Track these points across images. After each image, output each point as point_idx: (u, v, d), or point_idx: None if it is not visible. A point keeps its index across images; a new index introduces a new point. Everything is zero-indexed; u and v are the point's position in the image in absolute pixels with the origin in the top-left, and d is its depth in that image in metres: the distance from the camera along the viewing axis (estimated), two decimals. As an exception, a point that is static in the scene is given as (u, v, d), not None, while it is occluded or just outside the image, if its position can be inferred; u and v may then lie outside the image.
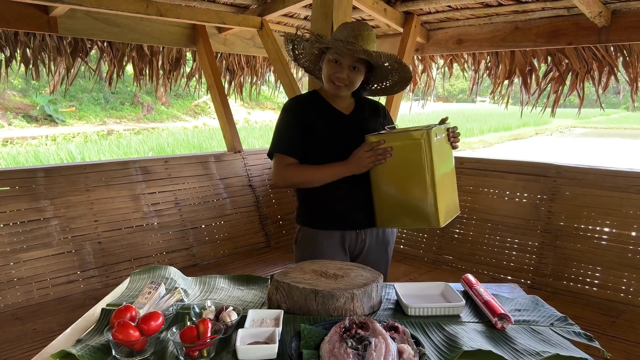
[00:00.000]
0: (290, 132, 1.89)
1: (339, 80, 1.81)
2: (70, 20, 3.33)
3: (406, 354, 1.14)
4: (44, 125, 18.36)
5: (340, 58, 1.80)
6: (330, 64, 1.82)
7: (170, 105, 23.50)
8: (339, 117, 1.93)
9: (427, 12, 3.77)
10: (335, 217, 1.90)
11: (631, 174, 2.97)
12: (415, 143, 1.71)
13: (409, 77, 1.92)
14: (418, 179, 1.73)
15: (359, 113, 1.96)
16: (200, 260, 3.58)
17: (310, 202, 1.95)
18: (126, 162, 3.46)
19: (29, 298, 2.83)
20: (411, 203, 1.77)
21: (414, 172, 1.73)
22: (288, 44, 1.92)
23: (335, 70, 1.81)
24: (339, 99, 1.94)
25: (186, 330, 1.18)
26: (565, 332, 1.35)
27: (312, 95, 1.99)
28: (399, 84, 1.98)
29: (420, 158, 1.71)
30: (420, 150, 1.70)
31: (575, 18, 3.30)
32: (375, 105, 2.06)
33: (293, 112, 1.92)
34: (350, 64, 1.80)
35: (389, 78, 1.97)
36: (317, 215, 1.93)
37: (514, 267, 3.26)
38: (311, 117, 1.89)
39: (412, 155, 1.72)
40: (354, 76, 1.83)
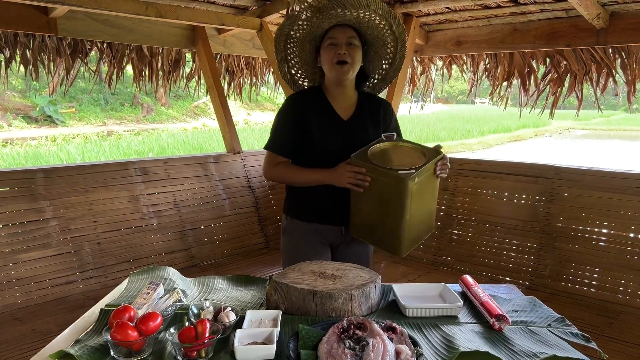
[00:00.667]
0: (285, 130, 1.93)
1: (341, 57, 1.83)
2: (69, 21, 3.33)
3: (404, 354, 1.15)
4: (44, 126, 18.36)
5: (334, 39, 1.83)
6: (327, 49, 1.85)
7: (170, 107, 23.51)
8: (337, 122, 1.94)
9: (426, 13, 3.78)
10: (318, 212, 1.98)
11: (629, 175, 2.98)
12: (394, 184, 1.72)
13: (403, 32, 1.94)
14: (391, 213, 1.77)
15: (358, 118, 1.96)
16: (200, 261, 3.58)
17: (297, 195, 2.03)
18: (125, 163, 3.47)
19: (28, 299, 2.83)
20: (381, 229, 1.84)
21: (388, 205, 1.77)
22: (283, 65, 1.98)
23: (334, 50, 1.83)
24: (340, 96, 1.95)
25: (184, 331, 1.19)
26: (563, 333, 1.36)
27: (314, 92, 1.99)
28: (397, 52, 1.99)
29: (396, 199, 1.73)
30: (398, 193, 1.72)
31: (573, 20, 3.31)
32: (378, 103, 2.05)
33: (291, 110, 1.94)
34: (346, 40, 1.84)
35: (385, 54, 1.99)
36: (302, 209, 2.01)
37: (512, 269, 3.26)
38: (308, 118, 1.91)
39: (389, 193, 1.75)
40: (352, 52, 1.85)
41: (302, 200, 2.00)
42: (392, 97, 4.03)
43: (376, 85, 2.11)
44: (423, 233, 1.95)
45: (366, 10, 1.79)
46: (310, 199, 1.97)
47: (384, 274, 3.28)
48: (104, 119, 20.51)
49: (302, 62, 1.99)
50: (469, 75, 4.37)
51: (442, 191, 3.70)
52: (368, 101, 2.02)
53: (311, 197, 1.96)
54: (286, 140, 1.93)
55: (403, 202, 1.71)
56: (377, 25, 1.88)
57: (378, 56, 2.00)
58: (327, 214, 1.97)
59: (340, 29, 1.84)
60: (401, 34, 1.93)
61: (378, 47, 1.97)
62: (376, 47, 1.97)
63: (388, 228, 1.80)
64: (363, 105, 1.99)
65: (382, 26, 1.88)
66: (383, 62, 2.03)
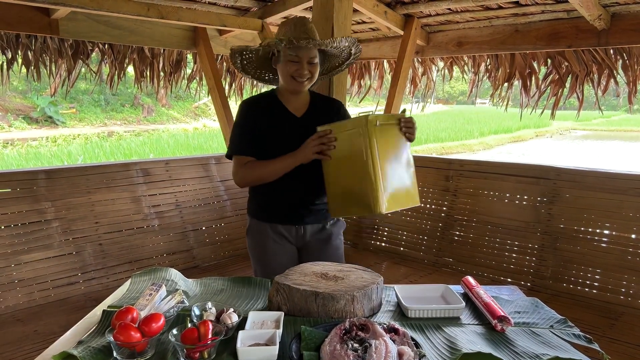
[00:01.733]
0: (244, 133, 1.97)
1: (302, 76, 1.88)
2: (71, 22, 3.34)
3: (406, 355, 1.15)
4: (45, 127, 18.38)
5: (297, 57, 1.86)
6: (288, 63, 1.88)
7: (171, 107, 23.53)
8: (290, 120, 1.99)
9: (427, 14, 3.78)
10: (277, 211, 2.02)
11: (631, 176, 2.98)
12: (356, 130, 1.75)
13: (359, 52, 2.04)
14: (360, 166, 1.75)
15: (311, 114, 2.02)
16: (201, 262, 3.59)
17: (257, 196, 2.07)
18: (127, 164, 3.47)
19: (30, 300, 2.83)
20: (355, 191, 1.81)
21: (357, 159, 1.76)
22: (236, 57, 1.98)
23: (295, 67, 1.87)
24: (294, 98, 2.00)
25: (187, 332, 1.19)
26: (565, 334, 1.36)
27: (267, 95, 2.05)
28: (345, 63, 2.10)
29: (361, 144, 1.74)
30: (360, 136, 1.74)
31: (574, 21, 3.31)
32: (331, 102, 2.13)
33: (244, 114, 1.99)
34: (308, 59, 1.88)
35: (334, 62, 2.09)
36: (262, 209, 2.05)
37: (514, 270, 3.26)
38: (261, 120, 1.96)
39: (355, 142, 1.76)
40: (314, 69, 1.91)
41: (262, 200, 2.04)
42: (393, 98, 4.04)
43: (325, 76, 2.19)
44: (403, 198, 1.87)
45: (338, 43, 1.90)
46: (269, 199, 2.01)
47: (386, 275, 3.27)
48: (104, 119, 20.53)
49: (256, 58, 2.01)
50: (469, 76, 4.37)
51: (443, 192, 3.70)
52: (320, 100, 2.10)
53: (272, 195, 1.99)
54: (247, 141, 1.96)
55: (369, 144, 1.71)
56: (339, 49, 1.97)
57: (328, 62, 2.09)
58: (288, 212, 2.01)
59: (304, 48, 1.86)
60: (357, 53, 2.04)
61: (332, 58, 2.07)
62: (330, 58, 2.06)
63: (361, 185, 1.76)
64: (316, 103, 2.06)
65: (343, 49, 1.98)
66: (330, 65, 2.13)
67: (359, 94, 5.12)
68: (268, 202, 2.02)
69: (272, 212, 2.03)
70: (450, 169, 3.70)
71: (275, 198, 2.00)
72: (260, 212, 2.06)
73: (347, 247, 4.07)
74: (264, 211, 2.05)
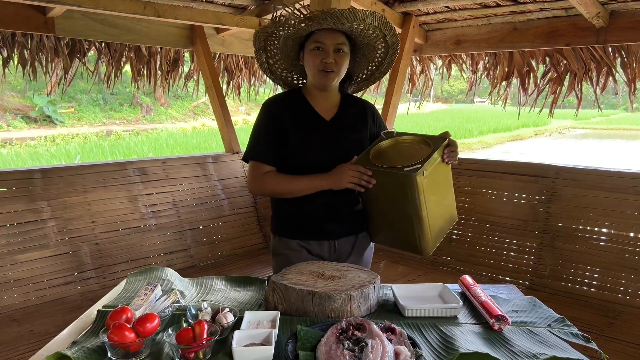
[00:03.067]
0: (267, 137, 1.80)
1: (327, 66, 1.72)
2: (67, 21, 3.32)
3: (402, 355, 1.14)
4: (43, 126, 18.35)
5: (322, 44, 1.71)
6: (313, 53, 1.73)
7: (169, 107, 23.50)
8: (319, 123, 1.83)
9: (425, 12, 3.77)
10: (307, 227, 1.86)
11: (630, 174, 2.97)
12: (402, 183, 1.62)
13: (396, 41, 1.82)
14: (407, 214, 1.68)
15: (342, 118, 1.86)
16: (198, 262, 3.58)
17: (283, 212, 1.90)
18: (123, 163, 3.46)
19: (26, 299, 2.82)
20: (402, 231, 1.75)
21: (403, 206, 1.67)
22: (261, 55, 1.83)
23: (321, 56, 1.72)
24: (322, 98, 1.85)
25: (182, 332, 1.18)
26: (563, 333, 1.35)
27: (293, 94, 1.88)
28: (386, 58, 1.89)
29: (409, 199, 1.63)
30: (410, 192, 1.62)
31: (573, 19, 3.30)
32: (363, 105, 1.95)
33: (269, 114, 1.82)
34: (334, 47, 1.71)
35: (374, 58, 1.89)
36: (290, 226, 1.89)
37: (512, 268, 3.25)
38: (288, 120, 1.80)
39: (400, 193, 1.66)
40: (340, 59, 1.74)
41: (292, 215, 1.87)
42: (391, 96, 4.03)
43: (359, 84, 2.02)
44: (446, 225, 1.85)
45: (361, 23, 1.69)
46: (301, 213, 1.84)
47: (383, 274, 3.27)
48: (103, 119, 20.51)
49: (283, 55, 1.85)
50: (468, 74, 4.37)
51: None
52: (352, 103, 1.93)
53: (301, 211, 1.84)
54: (268, 147, 1.79)
55: (416, 201, 1.62)
56: (370, 35, 1.77)
57: (365, 59, 1.90)
58: (319, 228, 1.86)
59: (329, 33, 1.71)
60: (394, 43, 1.83)
61: (367, 51, 1.86)
62: (365, 51, 1.86)
63: (408, 229, 1.70)
64: (347, 106, 1.89)
65: (375, 35, 1.78)
66: (370, 64, 1.93)
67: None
68: (298, 218, 1.85)
69: (303, 229, 1.86)
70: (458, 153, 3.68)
71: (306, 214, 1.83)
72: (290, 229, 1.89)
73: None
74: (294, 228, 1.87)
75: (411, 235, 1.71)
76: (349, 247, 1.92)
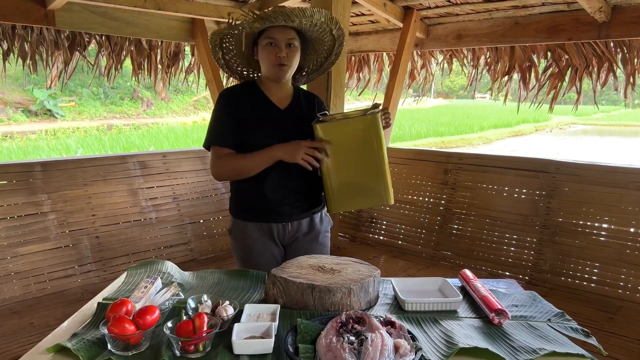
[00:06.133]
0: (224, 123, 1.87)
1: (280, 60, 1.79)
2: (67, 13, 3.31)
3: (402, 349, 1.14)
4: (44, 120, 18.35)
5: (273, 39, 1.78)
6: (266, 48, 1.80)
7: (170, 101, 23.48)
8: (274, 111, 1.91)
9: (426, 7, 3.76)
10: (261, 209, 1.93)
11: (630, 170, 2.97)
12: (366, 127, 1.78)
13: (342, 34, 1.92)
14: (370, 160, 1.80)
15: (295, 107, 1.95)
16: (199, 255, 3.58)
17: (239, 194, 1.97)
18: (124, 156, 3.45)
19: (27, 292, 2.83)
20: (362, 183, 1.84)
21: (365, 153, 1.80)
22: (217, 52, 1.90)
23: (274, 51, 1.79)
24: (276, 89, 1.92)
25: (182, 325, 1.18)
26: (563, 328, 1.35)
27: (248, 85, 1.95)
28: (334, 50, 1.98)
29: (371, 139, 1.78)
30: (373, 133, 1.77)
31: (575, 13, 3.28)
32: (312, 97, 2.05)
33: (226, 102, 1.89)
34: (286, 41, 1.79)
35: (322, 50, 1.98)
36: (245, 208, 1.96)
37: (512, 263, 3.26)
38: (244, 108, 1.87)
39: (364, 137, 1.79)
40: (291, 53, 1.82)
41: (247, 197, 1.94)
42: (392, 91, 4.02)
43: (310, 75, 2.11)
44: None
45: (309, 19, 1.77)
46: (255, 194, 1.90)
47: (383, 268, 3.27)
48: (103, 113, 20.50)
49: (238, 52, 1.93)
50: (469, 69, 4.35)
51: (442, 186, 3.68)
52: (303, 94, 2.03)
53: (255, 192, 1.90)
54: (225, 130, 1.86)
55: (381, 141, 1.78)
56: (317, 29, 1.86)
57: (315, 51, 1.99)
58: (273, 210, 1.92)
59: (280, 29, 1.79)
60: (340, 36, 1.93)
61: (316, 44, 1.95)
62: (314, 45, 1.95)
63: (372, 176, 1.82)
64: (299, 97, 1.99)
65: (322, 30, 1.87)
66: (319, 56, 2.03)
67: (358, 87, 5.10)
68: (250, 198, 1.92)
69: (256, 211, 1.93)
70: (449, 162, 3.68)
71: (260, 196, 1.89)
72: (243, 210, 1.97)
73: (345, 240, 4.07)
74: (247, 209, 1.95)
75: (373, 183, 1.83)
76: (305, 228, 2.00)
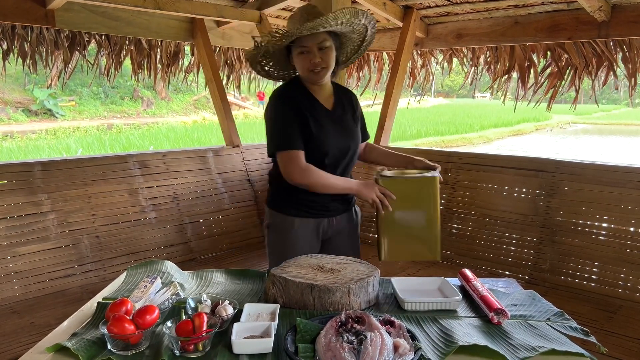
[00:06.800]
0: (292, 125, 1.84)
1: (315, 66, 1.79)
2: (67, 13, 3.31)
3: (402, 348, 1.14)
4: (44, 119, 18.35)
5: (305, 47, 1.78)
6: (299, 56, 1.80)
7: (170, 100, 23.49)
8: (324, 113, 1.91)
9: (426, 6, 3.76)
10: (312, 206, 1.94)
11: (630, 169, 2.96)
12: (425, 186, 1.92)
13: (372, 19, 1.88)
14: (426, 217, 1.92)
15: (339, 108, 1.97)
16: (199, 255, 3.58)
17: (288, 190, 1.93)
18: (124, 156, 3.45)
19: (27, 292, 2.83)
20: (415, 237, 1.94)
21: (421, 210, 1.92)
22: (256, 66, 1.92)
23: (307, 58, 1.79)
24: (318, 88, 1.93)
25: (182, 324, 1.18)
26: (562, 327, 1.35)
27: (296, 85, 1.94)
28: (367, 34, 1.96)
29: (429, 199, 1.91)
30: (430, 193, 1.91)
31: (575, 13, 3.28)
32: (349, 96, 2.06)
33: (288, 105, 1.87)
34: (317, 46, 1.78)
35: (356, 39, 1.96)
36: (294, 203, 1.95)
37: (512, 263, 3.25)
38: (303, 110, 1.86)
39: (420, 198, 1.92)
40: (326, 56, 1.81)
41: (297, 194, 1.92)
42: (392, 90, 4.02)
43: (349, 60, 2.09)
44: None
45: (334, 22, 1.75)
46: (305, 194, 1.90)
47: (383, 267, 3.26)
48: (104, 112, 20.50)
49: (275, 61, 1.94)
50: (468, 68, 4.34)
51: (442, 185, 3.68)
52: (341, 91, 2.04)
53: (305, 191, 1.89)
54: (295, 134, 1.84)
55: (437, 201, 1.91)
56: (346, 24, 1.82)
57: (350, 40, 1.96)
58: (323, 207, 1.96)
59: (309, 35, 1.76)
60: (371, 20, 1.88)
61: (350, 34, 1.92)
62: (348, 35, 1.91)
63: (426, 232, 1.92)
64: (340, 95, 2.00)
65: (350, 23, 1.82)
66: (354, 43, 2.00)
67: (358, 86, 5.10)
68: (302, 195, 1.91)
69: (306, 208, 1.94)
70: (449, 161, 3.68)
71: (312, 194, 1.89)
72: (291, 205, 1.95)
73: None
74: (296, 205, 1.94)
75: (425, 239, 1.93)
76: (346, 222, 2.08)
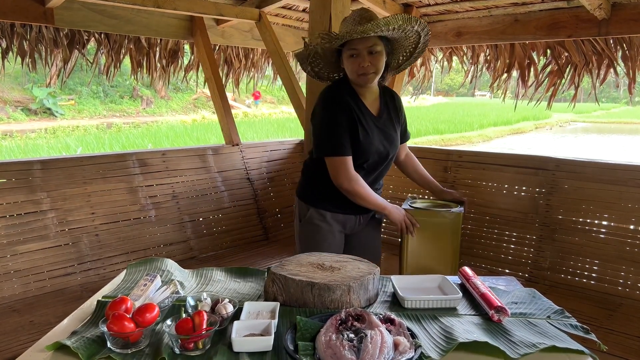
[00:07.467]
0: (344, 131, 1.87)
1: (365, 70, 1.81)
2: (66, 11, 3.30)
3: (402, 346, 1.14)
4: (43, 118, 18.34)
5: (355, 50, 1.79)
6: (349, 59, 1.82)
7: (170, 99, 23.48)
8: (371, 119, 1.94)
9: (426, 4, 3.75)
10: (346, 202, 2.01)
11: (630, 167, 2.96)
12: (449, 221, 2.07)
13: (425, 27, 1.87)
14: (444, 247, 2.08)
15: (384, 114, 2.00)
16: (198, 253, 3.58)
17: (321, 185, 2.02)
18: (123, 154, 3.45)
19: (26, 290, 2.82)
20: (434, 266, 2.07)
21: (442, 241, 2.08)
22: (306, 66, 1.94)
23: (357, 62, 1.80)
24: (366, 92, 1.94)
25: (182, 322, 1.18)
26: (562, 325, 1.35)
27: (345, 87, 1.93)
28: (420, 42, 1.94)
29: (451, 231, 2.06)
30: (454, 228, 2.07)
31: (575, 10, 3.28)
32: (394, 99, 2.09)
33: (340, 109, 1.87)
34: (368, 50, 1.79)
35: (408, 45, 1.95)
36: (328, 199, 2.03)
37: (512, 261, 3.25)
38: (354, 116, 1.88)
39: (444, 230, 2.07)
40: (376, 60, 1.82)
41: (330, 190, 1.98)
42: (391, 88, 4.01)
43: (400, 68, 2.09)
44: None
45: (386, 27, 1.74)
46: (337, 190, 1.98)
47: (383, 266, 3.25)
48: (103, 111, 20.49)
49: (325, 63, 1.96)
50: (468, 67, 4.34)
51: (442, 183, 3.64)
52: (387, 94, 2.04)
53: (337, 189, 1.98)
54: (346, 141, 1.87)
55: (457, 233, 2.06)
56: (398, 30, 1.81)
57: (401, 46, 1.95)
58: (352, 204, 2.01)
59: (360, 39, 1.77)
60: (424, 28, 1.86)
61: (401, 40, 1.91)
62: (399, 41, 1.91)
63: (441, 263, 2.07)
64: (386, 100, 2.01)
65: (402, 29, 1.81)
66: (406, 50, 1.99)
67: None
68: (335, 194, 1.98)
69: (337, 203, 2.02)
70: (449, 159, 3.68)
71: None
72: (325, 201, 2.05)
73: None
74: (330, 200, 2.03)
75: (444, 269, 2.04)
76: (370, 220, 2.21)
